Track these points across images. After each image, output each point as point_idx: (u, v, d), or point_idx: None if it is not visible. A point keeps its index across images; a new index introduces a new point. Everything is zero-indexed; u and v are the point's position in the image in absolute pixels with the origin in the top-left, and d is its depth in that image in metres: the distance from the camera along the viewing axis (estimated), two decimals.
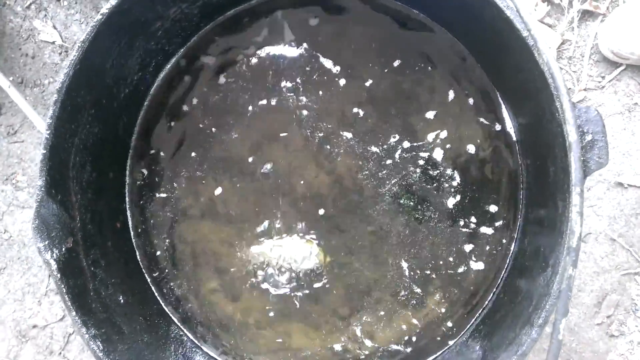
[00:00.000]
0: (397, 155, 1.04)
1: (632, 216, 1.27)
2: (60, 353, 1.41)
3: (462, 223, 1.04)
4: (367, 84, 1.05)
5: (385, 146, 1.05)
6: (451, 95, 1.04)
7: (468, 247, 1.03)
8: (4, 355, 1.42)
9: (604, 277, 1.28)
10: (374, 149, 1.05)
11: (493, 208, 1.03)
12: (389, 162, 1.05)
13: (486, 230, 1.03)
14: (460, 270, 1.04)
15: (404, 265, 1.04)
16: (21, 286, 1.42)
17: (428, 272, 1.04)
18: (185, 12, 1.00)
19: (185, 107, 1.08)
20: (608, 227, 1.28)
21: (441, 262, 1.04)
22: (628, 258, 1.28)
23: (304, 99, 1.06)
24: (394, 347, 1.04)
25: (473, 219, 1.04)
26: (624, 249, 1.27)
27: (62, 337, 1.41)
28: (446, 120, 1.04)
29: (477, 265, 1.03)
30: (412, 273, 1.04)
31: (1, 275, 1.43)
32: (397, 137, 1.05)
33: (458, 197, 1.04)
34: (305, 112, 1.06)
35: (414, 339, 1.04)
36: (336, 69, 1.06)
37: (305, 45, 1.06)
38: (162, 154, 1.09)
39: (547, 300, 0.75)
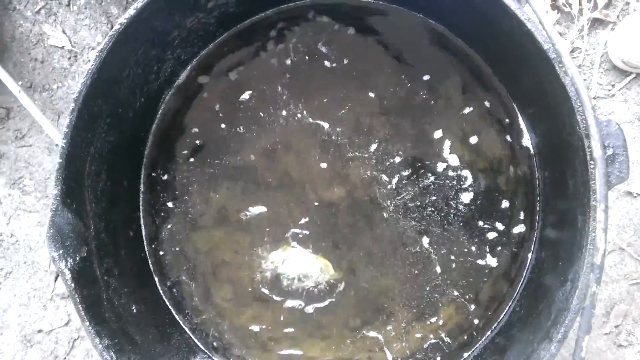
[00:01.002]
0: (411, 165, 1.05)
1: None
2: (65, 358, 1.41)
3: (476, 237, 1.04)
4: (383, 93, 1.05)
5: (399, 155, 1.05)
6: (467, 106, 1.04)
7: (484, 259, 1.03)
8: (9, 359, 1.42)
9: (613, 286, 1.28)
10: (388, 158, 1.05)
11: (509, 219, 1.03)
12: (403, 171, 1.05)
13: (502, 242, 1.04)
14: (476, 281, 1.04)
15: (418, 274, 1.04)
16: (27, 290, 1.42)
17: (443, 283, 1.04)
18: (202, 21, 1.00)
19: (199, 116, 1.09)
20: (617, 236, 1.28)
21: (455, 273, 1.04)
22: (637, 267, 1.27)
23: (318, 106, 1.06)
24: (408, 358, 1.04)
25: (488, 230, 1.04)
26: (632, 258, 1.27)
27: (67, 342, 1.41)
28: (463, 131, 1.04)
29: (494, 278, 1.04)
30: (425, 283, 1.04)
31: (7, 279, 1.42)
32: (412, 146, 1.05)
33: (474, 208, 1.04)
34: (319, 121, 1.06)
35: (427, 351, 1.04)
36: (352, 78, 1.06)
37: (320, 54, 1.06)
38: (175, 163, 1.09)
39: (567, 315, 0.74)
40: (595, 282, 0.65)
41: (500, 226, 1.04)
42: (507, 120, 1.03)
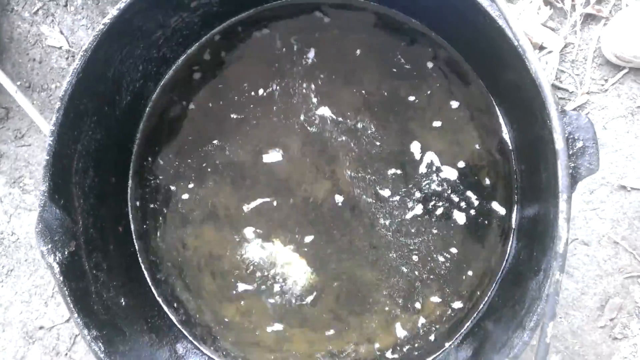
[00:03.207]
0: (394, 160, 1.06)
1: (635, 219, 1.27)
2: (66, 354, 1.42)
3: (457, 229, 1.05)
4: (366, 90, 1.06)
5: (383, 151, 1.06)
6: (449, 101, 1.05)
7: (464, 252, 1.05)
8: (11, 356, 1.44)
9: (607, 280, 1.28)
10: (372, 153, 1.06)
11: (488, 212, 1.05)
12: (387, 166, 1.06)
13: (481, 234, 1.05)
14: (457, 273, 1.05)
15: (402, 266, 1.06)
16: (28, 288, 1.44)
17: (426, 275, 1.05)
18: (186, 21, 1.02)
19: (186, 114, 1.10)
20: (611, 230, 1.28)
21: (438, 265, 1.05)
22: (631, 261, 1.28)
23: (303, 104, 1.07)
24: (390, 349, 1.06)
25: (469, 223, 1.05)
26: (627, 252, 1.27)
27: (69, 338, 1.42)
28: (444, 126, 1.05)
29: (474, 270, 1.05)
30: (409, 275, 1.05)
31: (8, 277, 1.44)
32: (395, 141, 1.06)
33: (454, 201, 1.05)
34: (305, 118, 1.07)
35: (411, 340, 1.05)
36: (335, 75, 1.07)
37: (305, 51, 1.08)
38: (164, 160, 1.10)
39: (539, 304, 0.76)
40: (558, 270, 0.67)
41: (479, 219, 1.05)
42: (486, 115, 1.05)
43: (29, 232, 1.44)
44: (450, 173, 1.05)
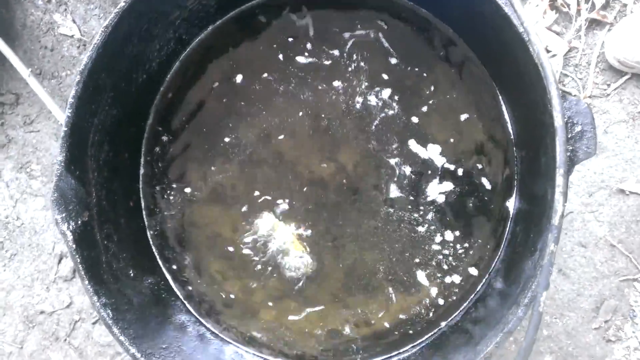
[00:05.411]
0: (398, 146, 1.08)
1: (632, 223, 1.29)
2: (65, 340, 1.43)
3: (458, 215, 1.07)
4: (374, 77, 1.08)
5: (388, 136, 1.08)
6: (453, 90, 1.07)
7: (465, 235, 1.07)
8: (11, 340, 1.44)
9: (603, 282, 1.30)
10: (377, 138, 1.08)
11: (489, 197, 1.06)
12: (391, 152, 1.07)
13: (482, 219, 1.06)
14: (456, 257, 1.06)
15: (401, 250, 1.07)
16: (30, 272, 1.44)
17: (425, 258, 1.07)
18: (202, 3, 1.03)
19: (198, 95, 1.11)
20: (608, 233, 1.29)
21: (437, 249, 1.07)
22: (627, 264, 1.29)
23: (312, 89, 1.09)
24: (390, 328, 1.07)
25: (470, 209, 1.07)
26: (623, 255, 1.29)
27: (68, 324, 1.43)
28: (448, 113, 1.07)
29: (473, 254, 1.06)
30: (408, 258, 1.07)
31: (12, 261, 1.45)
32: (400, 127, 1.08)
33: (455, 187, 1.07)
34: (312, 102, 1.09)
35: (409, 321, 1.06)
36: (343, 62, 1.09)
37: (315, 38, 1.09)
38: (174, 138, 1.11)
39: (534, 282, 0.78)
40: (553, 241, 0.69)
41: (479, 204, 1.07)
42: (489, 103, 1.06)
43: (33, 218, 1.44)
44: (451, 159, 1.07)
